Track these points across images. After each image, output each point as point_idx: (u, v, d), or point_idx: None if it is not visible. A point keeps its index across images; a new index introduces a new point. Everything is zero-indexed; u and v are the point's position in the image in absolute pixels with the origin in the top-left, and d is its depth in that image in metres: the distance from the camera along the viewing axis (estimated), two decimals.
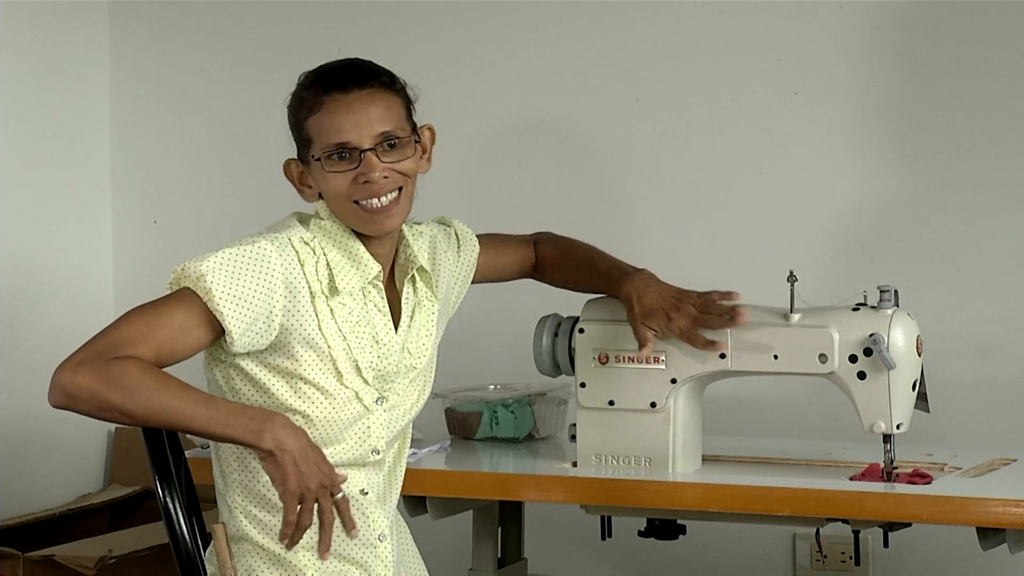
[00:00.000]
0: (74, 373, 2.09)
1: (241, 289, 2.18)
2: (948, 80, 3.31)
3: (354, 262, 2.30)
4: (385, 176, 2.26)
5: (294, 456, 2.10)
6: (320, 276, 2.27)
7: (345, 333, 2.28)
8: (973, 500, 2.40)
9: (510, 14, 3.65)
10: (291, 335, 2.24)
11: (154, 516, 3.64)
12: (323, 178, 2.28)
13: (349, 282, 2.28)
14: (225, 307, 2.17)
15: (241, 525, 2.29)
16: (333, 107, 2.26)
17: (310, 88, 2.30)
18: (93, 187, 4.02)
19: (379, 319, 2.32)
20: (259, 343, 2.22)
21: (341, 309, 2.28)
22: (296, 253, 2.26)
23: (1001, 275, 3.28)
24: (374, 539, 2.34)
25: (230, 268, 2.19)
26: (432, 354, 2.42)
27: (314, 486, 2.10)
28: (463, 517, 2.96)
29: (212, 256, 2.20)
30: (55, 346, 2.48)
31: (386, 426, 2.34)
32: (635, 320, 2.58)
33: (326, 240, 2.30)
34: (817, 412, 3.30)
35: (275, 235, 2.26)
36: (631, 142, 3.55)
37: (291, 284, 2.24)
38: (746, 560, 3.46)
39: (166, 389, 2.10)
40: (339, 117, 2.26)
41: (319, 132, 2.27)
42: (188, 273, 2.20)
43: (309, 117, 2.28)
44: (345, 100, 2.26)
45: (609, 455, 2.67)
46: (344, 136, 2.26)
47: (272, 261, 2.22)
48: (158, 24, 3.99)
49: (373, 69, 2.32)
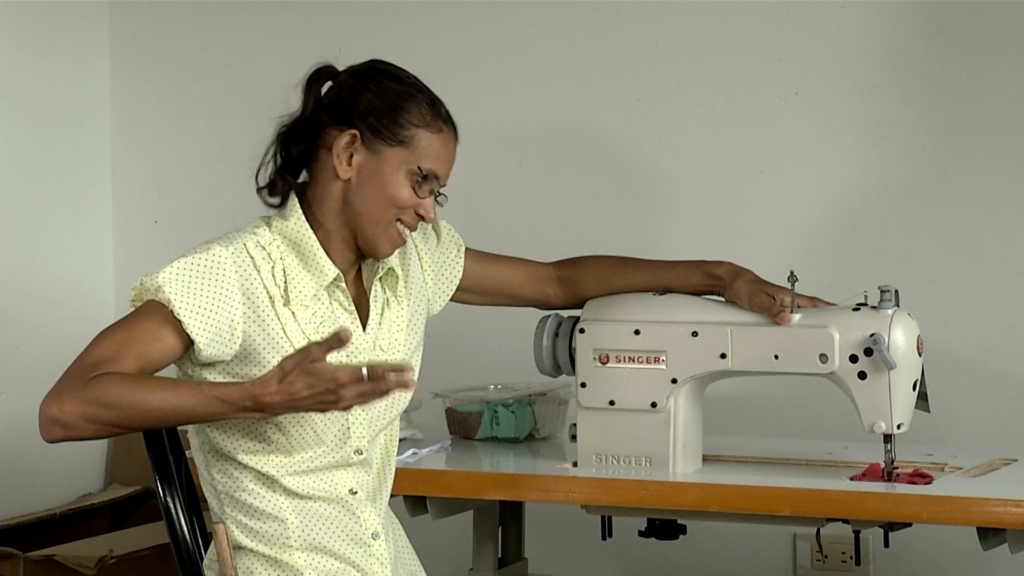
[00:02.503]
0: (60, 404, 2.09)
1: (198, 298, 2.19)
2: (948, 80, 3.31)
3: (310, 267, 2.28)
4: (432, 221, 2.37)
5: (301, 408, 2.09)
6: (277, 282, 2.26)
7: (309, 335, 2.26)
8: (973, 500, 2.40)
9: (511, 14, 3.65)
10: (255, 341, 2.23)
11: (154, 516, 3.65)
12: (398, 182, 2.29)
13: (303, 290, 2.27)
14: (186, 316, 2.17)
15: (233, 533, 2.29)
16: (447, 142, 2.35)
17: (434, 106, 2.34)
18: (93, 187, 4.02)
19: (345, 319, 2.31)
20: (225, 352, 2.22)
21: (303, 311, 2.27)
22: (252, 259, 2.25)
23: (1001, 275, 3.28)
24: (367, 538, 2.34)
25: (185, 278, 2.19)
26: (409, 350, 2.41)
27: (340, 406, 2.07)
28: (463, 517, 2.96)
29: (167, 267, 2.20)
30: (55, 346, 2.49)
31: (366, 425, 2.33)
32: (757, 292, 2.55)
33: (285, 243, 2.29)
34: (817, 412, 3.30)
35: (229, 241, 2.26)
36: (631, 142, 3.55)
37: (248, 290, 2.23)
38: (746, 560, 3.46)
39: (151, 392, 2.10)
40: (447, 153, 2.35)
41: (427, 149, 2.31)
42: (147, 287, 2.20)
43: (424, 128, 2.31)
44: (452, 144, 2.37)
45: (609, 455, 2.67)
46: (440, 170, 2.34)
47: (226, 268, 2.22)
48: (158, 24, 3.99)
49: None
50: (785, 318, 2.52)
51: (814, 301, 2.57)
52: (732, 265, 2.62)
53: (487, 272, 2.62)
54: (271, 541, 2.28)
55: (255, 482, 2.27)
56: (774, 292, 2.55)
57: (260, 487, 2.27)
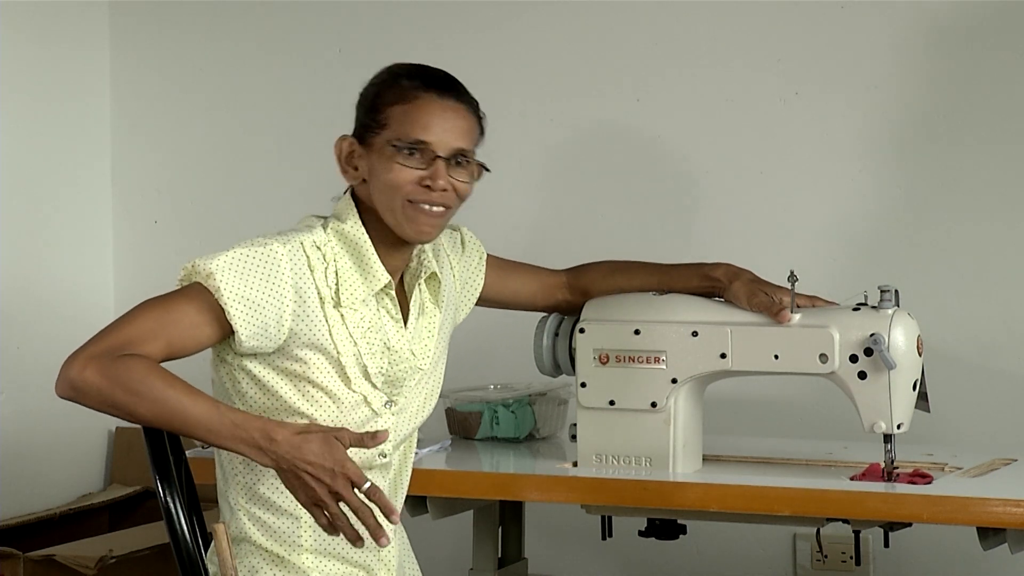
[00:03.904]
0: (83, 368, 2.09)
1: (249, 291, 2.18)
2: (948, 79, 3.31)
3: (364, 271, 2.28)
4: (444, 189, 2.27)
5: (296, 470, 2.09)
6: (329, 283, 2.26)
7: (356, 339, 2.27)
8: (973, 500, 2.40)
9: (511, 14, 3.65)
10: (300, 339, 2.23)
11: (154, 516, 3.65)
12: (386, 166, 2.27)
13: (354, 294, 2.27)
14: (233, 307, 2.17)
15: (243, 526, 2.29)
16: (427, 105, 2.27)
17: (409, 78, 2.30)
18: (93, 187, 4.02)
19: (391, 325, 2.32)
20: (267, 346, 2.22)
21: (352, 315, 2.27)
22: (307, 258, 2.25)
23: (1001, 275, 3.28)
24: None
25: (239, 269, 2.18)
26: (436, 356, 2.42)
27: (325, 493, 2.09)
28: (463, 517, 2.96)
29: (223, 255, 2.19)
30: (55, 346, 2.48)
31: (394, 430, 2.33)
32: (756, 292, 2.56)
33: (340, 245, 2.29)
34: (817, 412, 3.30)
35: (287, 238, 2.25)
36: (631, 142, 3.55)
37: (300, 289, 2.23)
38: (746, 560, 3.46)
39: (173, 394, 2.10)
40: (430, 116, 2.27)
41: (403, 122, 2.26)
42: (199, 270, 2.19)
43: (396, 104, 2.27)
44: (440, 103, 2.28)
45: (610, 455, 2.67)
46: (428, 136, 2.26)
47: (282, 265, 2.21)
48: (159, 24, 3.99)
49: (465, 88, 2.35)
50: (785, 316, 2.52)
51: (813, 300, 2.58)
52: (730, 266, 2.62)
53: (506, 282, 2.64)
54: (282, 538, 2.28)
55: (274, 475, 2.26)
56: (772, 292, 2.56)
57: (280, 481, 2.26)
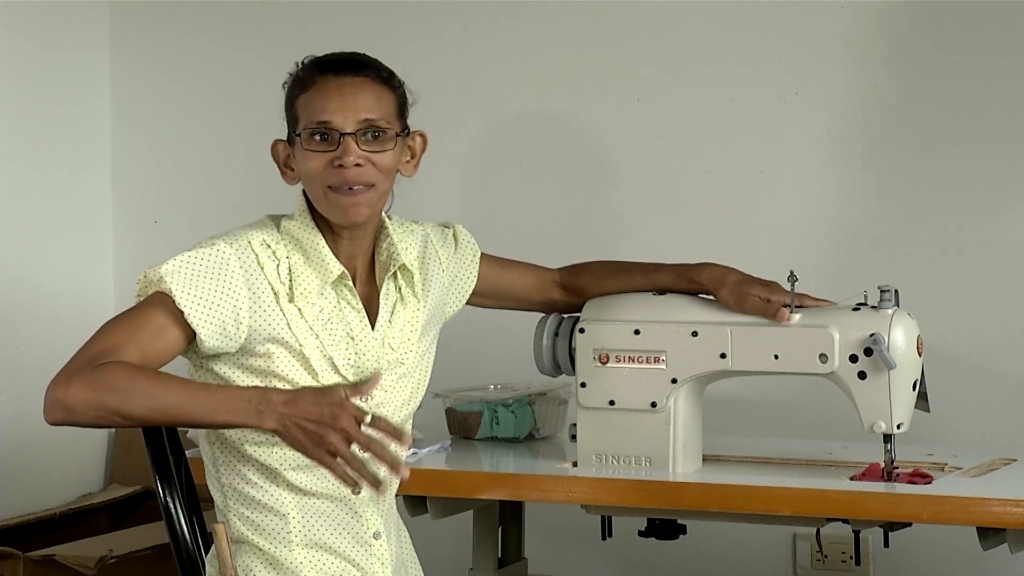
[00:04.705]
0: (67, 385, 2.09)
1: (202, 291, 2.19)
2: (948, 80, 3.31)
3: (315, 265, 2.28)
4: (358, 164, 2.24)
5: (298, 423, 2.10)
6: (282, 279, 2.27)
7: (317, 331, 2.27)
8: (973, 500, 2.40)
9: (510, 14, 3.65)
10: (260, 334, 2.24)
11: (154, 516, 3.65)
12: (302, 158, 2.27)
13: (308, 287, 2.27)
14: (188, 308, 2.18)
15: (234, 526, 2.30)
16: (324, 87, 2.26)
17: (307, 68, 2.31)
18: (93, 187, 4.02)
19: (353, 316, 2.31)
20: (230, 345, 2.23)
21: (310, 308, 2.27)
22: (256, 255, 2.26)
23: (1001, 275, 3.28)
24: (368, 537, 2.34)
25: (188, 271, 2.20)
26: (421, 352, 2.41)
27: (330, 435, 2.09)
28: (463, 517, 2.96)
29: (170, 260, 2.22)
30: (55, 346, 2.48)
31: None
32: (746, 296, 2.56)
33: (291, 242, 2.30)
34: (817, 412, 3.30)
35: (234, 237, 2.26)
36: (631, 142, 3.55)
37: (252, 285, 2.24)
38: (746, 560, 3.46)
39: (160, 385, 2.11)
40: (326, 97, 2.25)
41: (305, 110, 2.27)
42: (150, 278, 2.22)
43: (300, 95, 2.28)
44: (336, 82, 2.27)
45: (609, 455, 2.67)
46: (328, 116, 2.25)
47: (231, 263, 2.23)
48: (159, 23, 3.99)
49: (372, 62, 2.32)
50: (784, 315, 2.52)
51: (802, 299, 2.56)
52: (713, 270, 2.61)
53: (500, 279, 2.64)
54: (272, 536, 2.28)
55: (258, 475, 2.27)
56: (760, 291, 2.55)
57: (263, 480, 2.27)
